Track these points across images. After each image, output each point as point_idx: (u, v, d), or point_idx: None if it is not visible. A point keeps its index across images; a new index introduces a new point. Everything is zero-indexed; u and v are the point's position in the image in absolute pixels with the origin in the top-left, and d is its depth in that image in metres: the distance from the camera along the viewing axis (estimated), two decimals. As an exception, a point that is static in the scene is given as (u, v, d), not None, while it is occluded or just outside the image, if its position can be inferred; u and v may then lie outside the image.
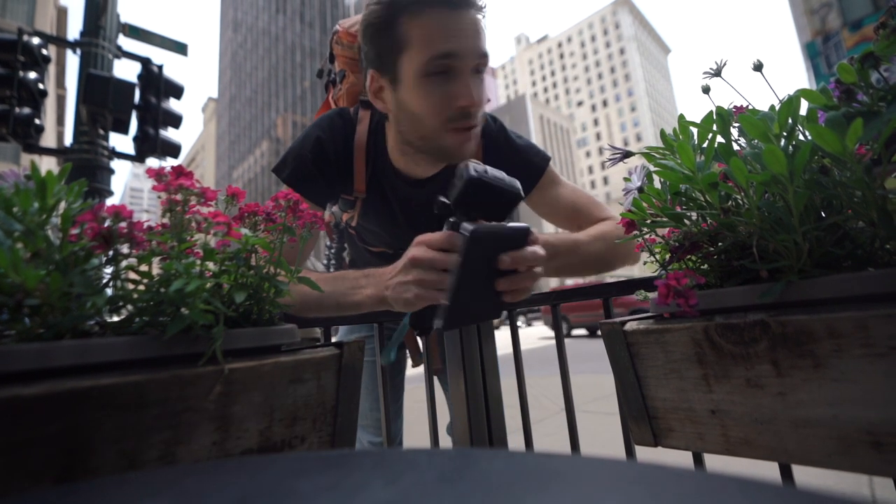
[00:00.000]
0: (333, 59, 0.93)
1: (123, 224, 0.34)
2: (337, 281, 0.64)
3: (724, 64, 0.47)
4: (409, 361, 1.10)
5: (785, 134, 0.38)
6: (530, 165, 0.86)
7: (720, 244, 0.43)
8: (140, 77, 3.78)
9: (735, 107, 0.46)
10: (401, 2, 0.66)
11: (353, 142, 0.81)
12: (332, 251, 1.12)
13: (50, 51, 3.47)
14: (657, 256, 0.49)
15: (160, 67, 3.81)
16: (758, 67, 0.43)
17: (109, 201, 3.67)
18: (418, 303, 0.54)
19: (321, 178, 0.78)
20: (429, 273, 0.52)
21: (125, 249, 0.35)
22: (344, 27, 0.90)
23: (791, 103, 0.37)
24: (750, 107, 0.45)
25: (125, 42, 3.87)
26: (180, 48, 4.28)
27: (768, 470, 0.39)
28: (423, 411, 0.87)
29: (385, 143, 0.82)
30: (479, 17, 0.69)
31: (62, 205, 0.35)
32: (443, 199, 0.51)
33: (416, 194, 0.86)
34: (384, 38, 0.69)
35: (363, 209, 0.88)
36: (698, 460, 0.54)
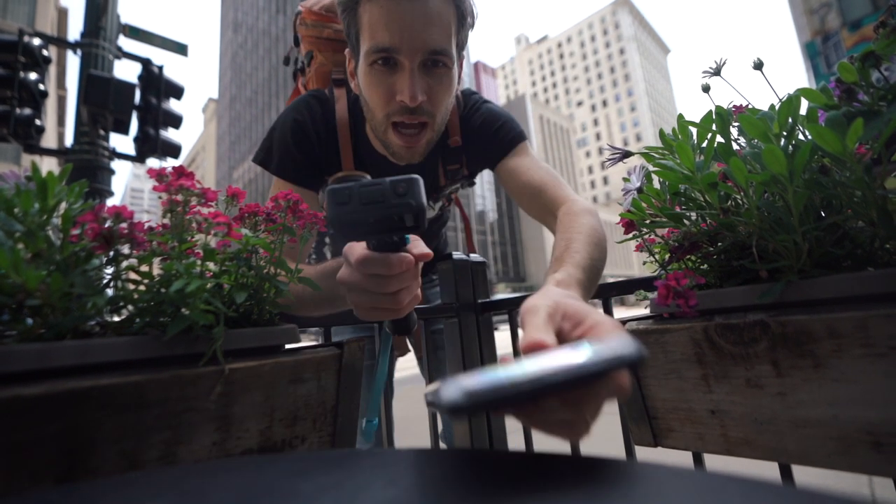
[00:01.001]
0: (299, 42, 0.90)
1: (124, 225, 0.34)
2: (321, 276, 0.62)
3: (724, 63, 0.47)
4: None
5: (785, 134, 0.38)
6: (500, 140, 0.82)
7: (720, 244, 0.43)
8: (140, 78, 3.78)
9: (735, 106, 0.46)
10: None
11: (334, 121, 0.79)
12: (313, 247, 1.10)
13: (50, 52, 3.48)
14: (657, 256, 0.49)
15: (160, 68, 3.81)
16: (758, 66, 0.43)
17: (110, 202, 3.67)
18: (369, 318, 0.47)
19: (307, 160, 0.76)
20: (360, 295, 0.45)
21: (126, 250, 0.35)
22: (306, 6, 0.86)
23: (791, 103, 0.37)
24: (749, 106, 0.45)
25: (125, 43, 3.87)
26: (181, 49, 4.28)
27: (768, 470, 0.39)
28: (422, 411, 0.87)
29: (364, 123, 0.79)
30: (444, 4, 0.65)
31: (63, 205, 0.35)
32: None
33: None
34: (349, 19, 0.68)
35: None
36: (698, 460, 0.54)
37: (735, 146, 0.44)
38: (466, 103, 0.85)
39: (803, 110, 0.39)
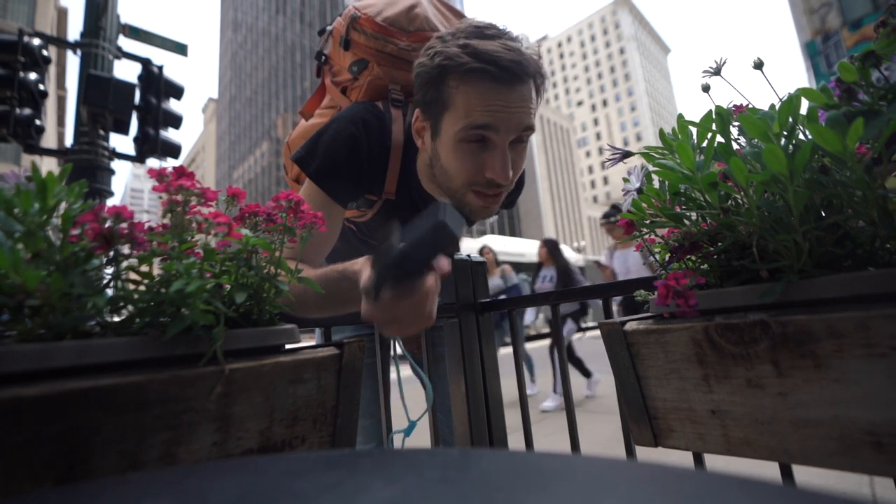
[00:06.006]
0: (348, 44, 0.86)
1: (124, 225, 0.34)
2: (333, 279, 0.63)
3: (724, 62, 0.47)
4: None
5: (785, 133, 0.37)
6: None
7: (720, 244, 0.43)
8: (140, 78, 3.78)
9: (735, 106, 0.46)
10: (450, 65, 0.66)
11: (388, 141, 0.79)
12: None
13: (50, 52, 3.48)
14: (657, 256, 0.49)
15: (160, 68, 3.81)
16: (758, 66, 0.43)
17: (110, 202, 3.67)
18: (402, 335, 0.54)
19: (350, 177, 0.76)
20: (396, 327, 0.50)
21: (126, 250, 0.35)
22: (366, 14, 0.83)
23: (791, 102, 0.37)
24: (749, 106, 0.45)
25: (125, 43, 3.87)
26: (180, 49, 4.28)
27: (769, 470, 0.39)
28: (422, 411, 0.86)
29: (416, 156, 0.81)
30: (531, 86, 0.68)
31: (63, 206, 0.35)
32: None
33: None
34: (431, 92, 0.69)
35: (384, 208, 0.86)
36: (699, 461, 0.54)
37: (735, 146, 0.44)
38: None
39: (804, 110, 0.39)
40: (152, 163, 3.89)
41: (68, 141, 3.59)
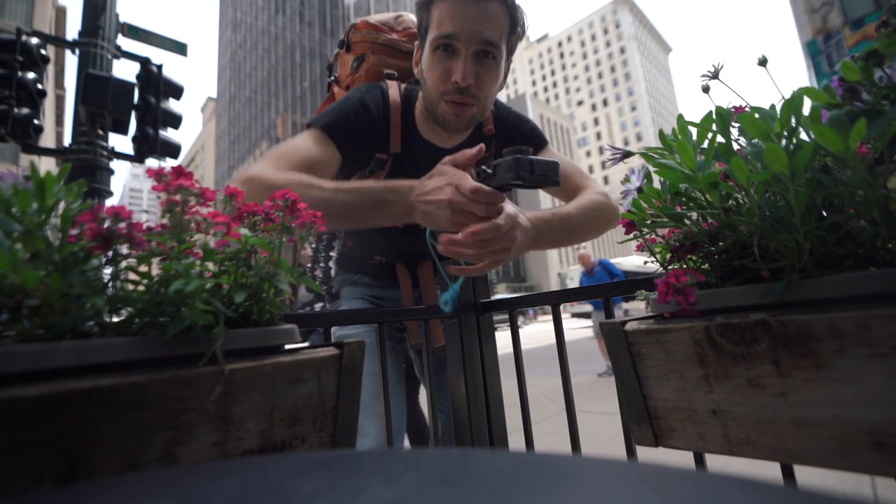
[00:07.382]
0: (349, 47, 1.04)
1: (123, 224, 0.34)
2: (361, 193, 0.70)
3: (722, 67, 0.47)
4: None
5: (786, 133, 0.37)
6: (534, 137, 1.00)
7: (721, 244, 0.43)
8: (139, 77, 3.77)
9: (734, 107, 0.46)
10: None
11: (389, 103, 0.91)
12: (322, 244, 1.15)
13: (48, 51, 3.47)
14: (657, 256, 0.49)
15: (159, 67, 3.81)
16: (762, 62, 0.43)
17: (109, 202, 3.67)
18: (451, 228, 0.65)
19: (358, 127, 0.86)
20: (462, 215, 0.62)
21: (125, 250, 0.35)
22: (363, 19, 1.03)
23: (794, 102, 0.37)
24: (748, 107, 0.45)
25: (124, 42, 3.87)
26: (180, 48, 4.27)
27: (769, 470, 0.39)
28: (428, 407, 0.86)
29: (414, 110, 0.93)
30: (500, 9, 0.80)
31: (61, 205, 0.35)
32: (487, 170, 0.63)
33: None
34: (423, 15, 0.84)
35: (392, 169, 0.94)
36: (699, 461, 0.54)
37: (735, 146, 0.43)
38: (498, 103, 1.02)
39: (806, 110, 0.39)
40: (151, 162, 3.89)
41: (67, 140, 3.58)
